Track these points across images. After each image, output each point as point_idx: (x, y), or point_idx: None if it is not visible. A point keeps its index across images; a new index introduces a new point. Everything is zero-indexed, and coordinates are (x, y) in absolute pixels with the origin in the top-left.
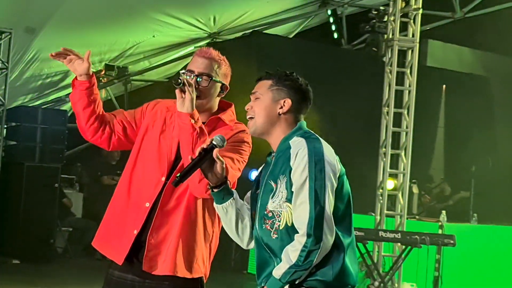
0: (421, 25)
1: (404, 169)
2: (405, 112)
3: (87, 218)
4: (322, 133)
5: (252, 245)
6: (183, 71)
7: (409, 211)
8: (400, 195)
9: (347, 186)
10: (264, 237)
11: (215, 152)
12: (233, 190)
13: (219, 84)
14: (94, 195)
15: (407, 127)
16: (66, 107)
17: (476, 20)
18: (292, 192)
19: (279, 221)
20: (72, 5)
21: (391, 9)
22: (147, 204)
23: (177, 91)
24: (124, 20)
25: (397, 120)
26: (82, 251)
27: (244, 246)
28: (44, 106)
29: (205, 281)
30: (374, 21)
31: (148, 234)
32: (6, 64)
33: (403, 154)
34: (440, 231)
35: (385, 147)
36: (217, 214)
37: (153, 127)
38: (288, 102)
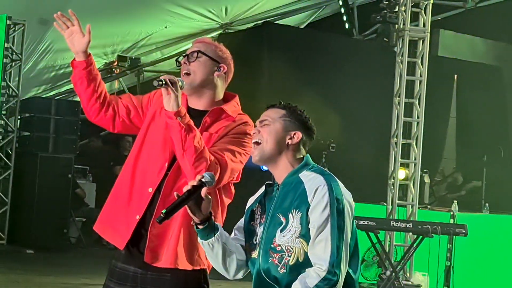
0: (432, 15)
1: (415, 159)
2: (416, 102)
3: (100, 208)
4: (334, 123)
5: (238, 276)
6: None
7: (420, 200)
8: (411, 184)
9: (354, 223)
10: (271, 269)
11: (204, 190)
12: (218, 224)
13: (212, 61)
14: (106, 185)
15: (418, 117)
16: (79, 98)
17: (487, 10)
18: (308, 228)
19: (290, 256)
20: None
21: None
22: (150, 190)
23: (163, 91)
24: (137, 11)
25: (409, 110)
26: (95, 241)
27: (230, 277)
28: (57, 97)
29: (208, 273)
30: (385, 11)
31: (150, 224)
32: (19, 55)
33: (414, 144)
34: (451, 221)
35: (396, 137)
36: (221, 206)
37: (160, 114)
38: (298, 135)
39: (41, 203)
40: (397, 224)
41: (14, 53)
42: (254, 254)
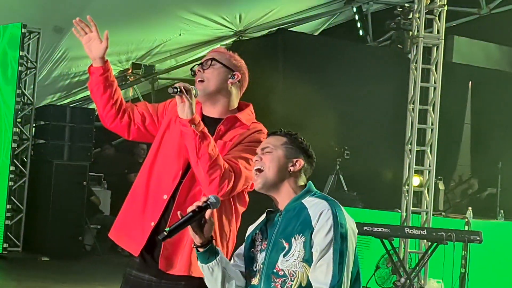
0: (447, 21)
1: (430, 166)
2: (431, 109)
3: (115, 215)
4: (348, 130)
5: None
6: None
7: (435, 207)
8: (426, 191)
9: (357, 251)
10: None
11: (209, 212)
12: (218, 248)
13: (226, 69)
14: (121, 193)
15: (432, 124)
16: (93, 105)
17: (502, 16)
18: (311, 252)
19: (292, 281)
20: (99, 4)
21: (416, 6)
22: (165, 197)
23: (177, 98)
24: (151, 18)
25: (423, 117)
26: (110, 248)
27: None
28: (72, 105)
29: None
30: (399, 18)
31: None
32: (34, 63)
33: (428, 150)
34: (466, 228)
35: (410, 144)
36: (235, 214)
37: (175, 122)
38: (300, 162)
39: (56, 210)
40: (411, 231)
41: (29, 61)
42: (254, 281)
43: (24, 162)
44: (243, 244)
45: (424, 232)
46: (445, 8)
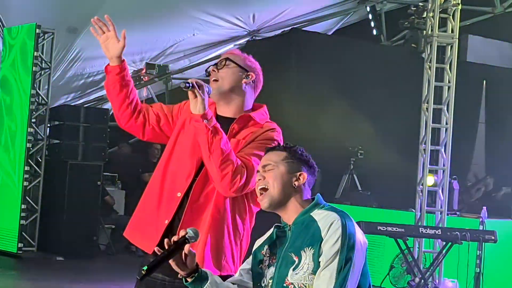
0: (461, 20)
1: (444, 165)
2: (445, 108)
3: (129, 215)
4: (362, 129)
5: None
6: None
7: (449, 207)
8: (440, 191)
9: (367, 263)
10: None
11: (187, 247)
12: (207, 271)
13: (240, 69)
14: (135, 192)
15: (446, 123)
16: (107, 105)
17: None
18: (319, 262)
19: None
20: (113, 4)
21: (430, 5)
22: (179, 194)
23: (190, 94)
24: (165, 18)
25: (437, 116)
26: (124, 248)
27: None
28: (86, 105)
29: None
30: (413, 17)
31: (178, 228)
32: (49, 64)
33: (443, 150)
34: (481, 227)
35: (425, 143)
36: (249, 213)
37: (190, 122)
38: (304, 176)
39: (71, 210)
40: (426, 231)
41: (43, 62)
42: None
43: (39, 162)
44: (249, 258)
45: (438, 232)
46: (459, 7)
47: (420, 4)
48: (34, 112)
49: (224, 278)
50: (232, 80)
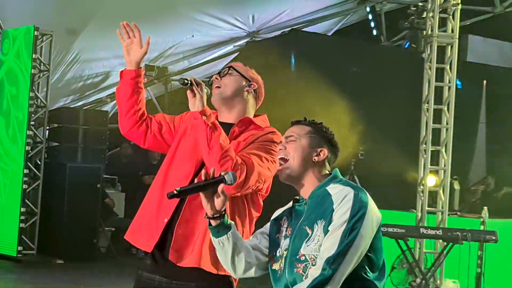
0: (461, 20)
1: (445, 165)
2: (445, 108)
3: (129, 217)
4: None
5: (245, 275)
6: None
7: (450, 207)
8: (441, 191)
9: (381, 235)
10: (296, 280)
11: (221, 187)
12: (231, 222)
13: (243, 78)
14: (135, 195)
15: (447, 123)
16: (107, 107)
17: None
18: (328, 230)
19: (313, 265)
20: (112, 6)
21: (429, 5)
22: None
23: (188, 93)
24: (164, 20)
25: (438, 116)
26: (125, 250)
27: (235, 276)
28: (85, 107)
29: (235, 283)
30: (413, 17)
31: (176, 226)
32: (47, 66)
33: (443, 150)
34: (482, 227)
35: (425, 144)
36: (248, 217)
37: (191, 130)
38: (324, 152)
39: (71, 213)
40: (426, 231)
41: (42, 64)
42: (276, 266)
43: (38, 165)
44: (267, 224)
45: (439, 232)
46: (459, 6)
47: (420, 4)
48: (33, 115)
49: (222, 277)
50: (235, 87)
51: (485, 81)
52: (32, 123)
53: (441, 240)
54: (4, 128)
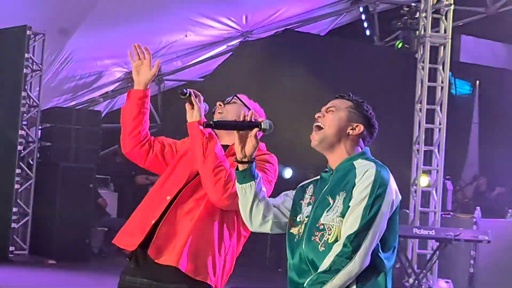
0: (454, 21)
1: (438, 166)
2: (438, 109)
3: (122, 217)
4: None
5: (260, 228)
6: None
7: (443, 207)
8: (434, 191)
9: (398, 220)
10: (310, 251)
11: (255, 131)
12: (259, 174)
13: (245, 108)
14: (128, 195)
15: (440, 124)
16: (99, 107)
17: (509, 15)
18: (349, 206)
19: (329, 235)
20: (104, 6)
21: (422, 6)
22: (168, 197)
23: (187, 105)
24: (157, 20)
25: (430, 116)
26: (117, 250)
27: (251, 228)
28: (78, 107)
29: None
30: (406, 17)
31: (159, 225)
32: (40, 65)
33: (436, 150)
34: (474, 228)
35: (418, 144)
36: (236, 234)
37: (192, 150)
38: (360, 128)
39: (63, 213)
40: (419, 231)
41: (34, 63)
42: (294, 231)
43: (30, 165)
44: (294, 190)
45: (432, 232)
46: (452, 7)
47: (413, 4)
48: (25, 114)
49: (200, 283)
50: (236, 114)
51: (478, 81)
52: (25, 122)
53: (434, 240)
54: None
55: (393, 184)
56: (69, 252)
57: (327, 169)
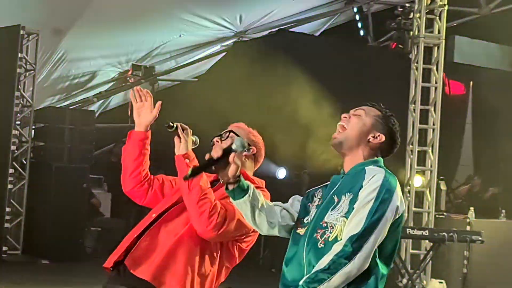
0: (447, 21)
1: (431, 166)
2: (432, 109)
3: (116, 217)
4: None
5: (270, 233)
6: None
7: (437, 207)
8: (427, 192)
9: (400, 231)
10: (309, 246)
11: (232, 156)
12: (250, 185)
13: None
14: (122, 195)
15: (434, 124)
16: (93, 107)
17: (502, 16)
18: (353, 208)
19: (331, 233)
20: (98, 6)
21: (416, 6)
22: (154, 215)
23: (175, 139)
24: (151, 20)
25: (424, 117)
26: (111, 250)
27: (261, 233)
28: (71, 107)
29: None
30: (400, 18)
31: (141, 238)
32: (33, 65)
33: (430, 151)
34: (468, 228)
35: (412, 144)
36: (218, 261)
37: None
38: (381, 138)
39: (56, 213)
40: (413, 232)
41: (28, 63)
42: (300, 231)
43: (24, 165)
44: (303, 196)
45: (426, 233)
46: (446, 8)
47: (407, 5)
48: (18, 114)
49: None
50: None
51: (471, 82)
52: (18, 122)
53: (427, 241)
54: None
55: (399, 192)
56: (62, 252)
57: (339, 173)
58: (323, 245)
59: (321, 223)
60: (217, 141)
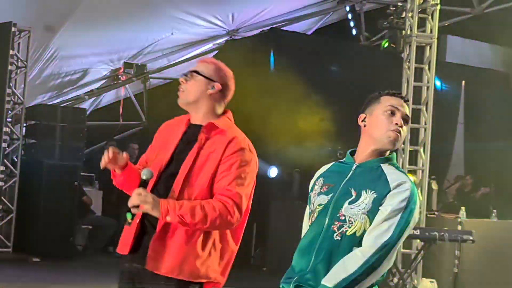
0: (440, 21)
1: (423, 166)
2: (424, 108)
3: (107, 215)
4: (341, 129)
5: None
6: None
7: (428, 207)
8: (419, 191)
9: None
10: (325, 237)
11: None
12: None
13: (206, 80)
14: (113, 193)
15: (425, 124)
16: (85, 105)
17: (495, 15)
18: (377, 210)
19: (349, 227)
20: (90, 3)
21: (409, 5)
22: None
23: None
24: (143, 17)
25: (416, 116)
26: (102, 248)
27: None
28: (63, 104)
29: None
30: (393, 17)
31: (151, 236)
32: (25, 62)
33: (422, 150)
34: (459, 228)
35: (403, 144)
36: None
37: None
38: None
39: (47, 210)
40: None
41: (19, 60)
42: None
43: (15, 162)
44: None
45: (417, 232)
46: (438, 7)
47: (399, 4)
48: (10, 112)
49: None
50: (197, 92)
51: (463, 82)
52: (9, 119)
53: (418, 240)
54: None
55: (418, 205)
56: (53, 250)
57: (343, 161)
58: (339, 238)
59: (338, 215)
60: (182, 81)
